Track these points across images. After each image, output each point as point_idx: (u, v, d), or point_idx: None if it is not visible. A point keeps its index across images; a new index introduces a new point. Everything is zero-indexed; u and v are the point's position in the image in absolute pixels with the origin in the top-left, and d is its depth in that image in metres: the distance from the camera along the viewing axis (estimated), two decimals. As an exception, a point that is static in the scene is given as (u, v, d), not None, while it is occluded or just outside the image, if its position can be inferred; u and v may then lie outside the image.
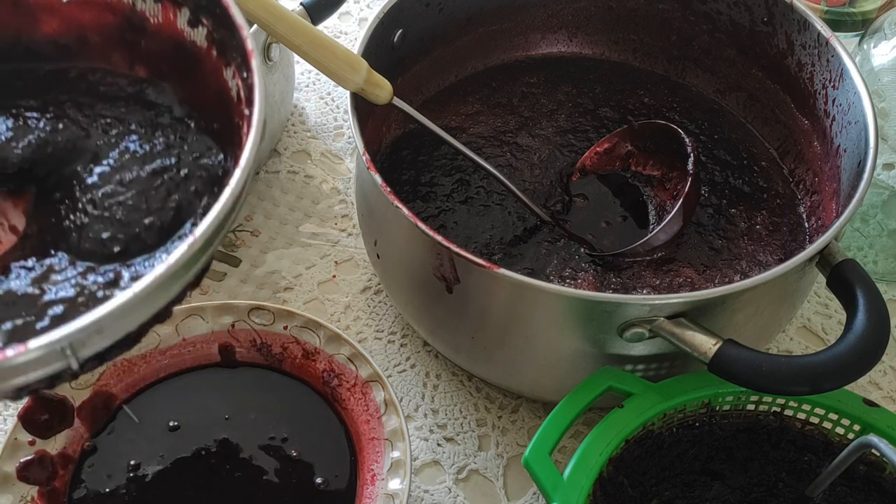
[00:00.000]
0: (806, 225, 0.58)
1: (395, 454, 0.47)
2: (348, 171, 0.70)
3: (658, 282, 0.54)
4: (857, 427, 0.47)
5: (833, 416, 0.47)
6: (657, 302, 0.44)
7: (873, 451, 0.42)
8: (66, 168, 0.38)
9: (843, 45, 0.55)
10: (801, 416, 0.48)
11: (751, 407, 0.48)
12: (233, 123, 0.38)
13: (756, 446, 0.48)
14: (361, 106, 0.51)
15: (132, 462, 0.49)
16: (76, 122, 0.39)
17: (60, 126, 0.39)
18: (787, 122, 0.62)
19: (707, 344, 0.43)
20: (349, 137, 0.73)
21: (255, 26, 0.59)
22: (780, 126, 0.62)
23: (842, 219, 0.46)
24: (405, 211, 0.46)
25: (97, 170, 0.38)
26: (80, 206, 0.37)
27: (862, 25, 0.65)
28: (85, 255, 0.35)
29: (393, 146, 0.61)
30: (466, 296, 0.48)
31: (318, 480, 0.49)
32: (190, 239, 0.31)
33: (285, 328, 0.52)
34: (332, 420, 0.51)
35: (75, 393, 0.50)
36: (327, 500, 0.48)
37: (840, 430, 0.47)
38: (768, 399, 0.47)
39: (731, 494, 0.47)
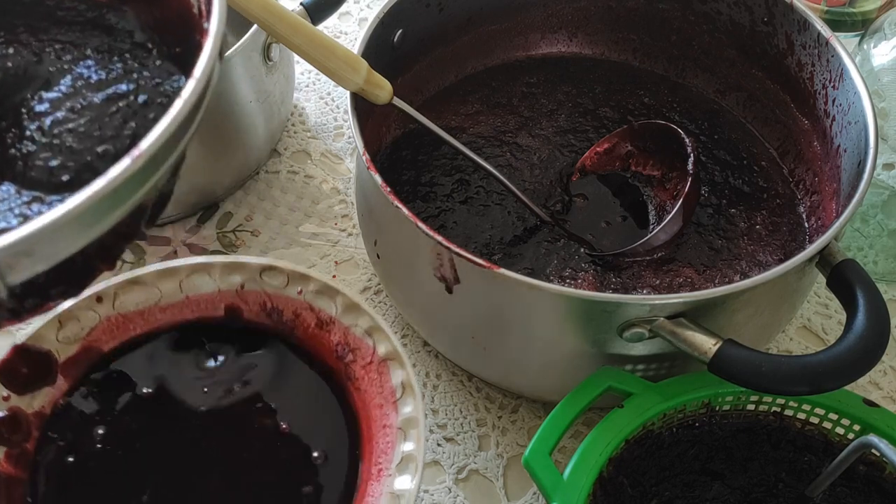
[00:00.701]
0: (806, 225, 0.58)
1: (408, 447, 0.42)
2: (348, 171, 0.70)
3: (658, 282, 0.54)
4: (857, 427, 0.47)
5: (833, 417, 0.47)
6: (657, 302, 0.44)
7: (873, 451, 0.42)
8: (14, 96, 0.36)
9: (843, 45, 0.55)
10: (801, 416, 0.48)
11: (751, 407, 0.48)
12: (195, 44, 0.35)
13: (756, 446, 0.48)
14: (361, 106, 0.51)
15: (103, 428, 0.45)
16: (28, 46, 0.37)
17: (10, 51, 0.36)
18: (787, 122, 0.62)
19: (707, 344, 0.43)
20: (349, 137, 0.72)
21: (254, 26, 0.59)
22: (779, 126, 0.62)
23: (842, 219, 0.46)
24: (405, 211, 0.46)
25: (48, 96, 0.35)
26: (27, 133, 0.34)
27: (862, 25, 0.65)
28: (31, 185, 0.33)
29: (393, 146, 0.61)
30: (466, 296, 0.48)
31: (315, 455, 0.44)
32: (135, 152, 0.28)
33: (300, 292, 0.48)
34: (340, 401, 0.46)
35: (61, 347, 0.45)
36: (322, 491, 0.43)
37: (840, 431, 0.47)
38: (768, 399, 0.47)
39: (730, 494, 0.47)
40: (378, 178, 0.47)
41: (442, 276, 0.48)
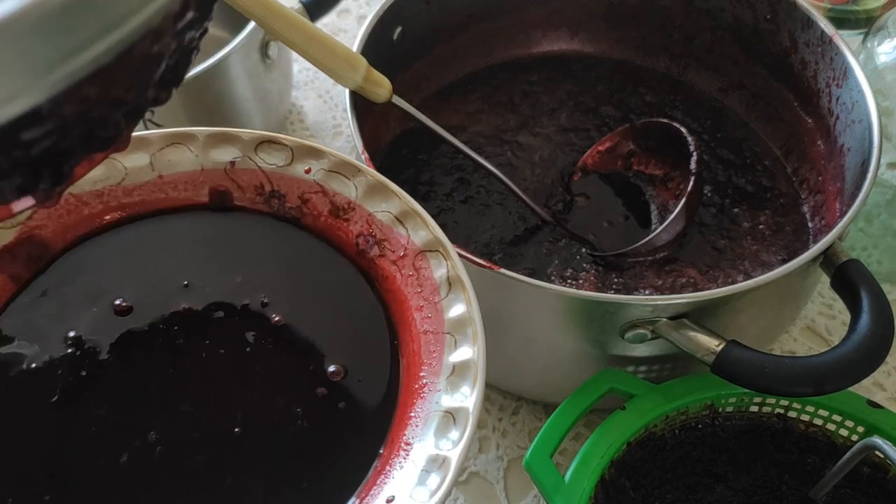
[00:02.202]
0: (809, 224, 0.58)
1: (461, 355, 0.33)
2: (348, 169, 0.70)
3: (660, 282, 0.53)
4: (861, 429, 0.46)
5: (837, 418, 0.47)
6: (659, 302, 0.43)
7: (877, 452, 0.41)
8: None
9: (846, 43, 0.55)
10: (805, 417, 0.47)
11: (754, 408, 0.48)
12: None
13: (759, 448, 0.48)
14: (360, 104, 0.51)
15: (51, 354, 0.34)
16: None
17: None
18: (790, 120, 0.61)
19: (710, 345, 0.42)
20: (348, 136, 0.72)
21: (252, 23, 0.58)
22: (783, 125, 0.62)
23: (846, 218, 0.46)
24: (404, 210, 0.46)
25: None
26: None
27: (865, 23, 0.65)
28: None
29: (392, 145, 0.61)
30: (466, 296, 0.47)
31: (332, 369, 0.34)
32: None
33: (307, 171, 0.38)
34: (369, 302, 0.36)
35: None
36: (350, 414, 0.33)
37: (844, 432, 0.47)
38: (772, 400, 0.47)
39: (733, 497, 0.47)
40: (377, 178, 0.47)
41: (442, 277, 0.47)
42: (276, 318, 0.36)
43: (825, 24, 0.56)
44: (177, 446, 0.33)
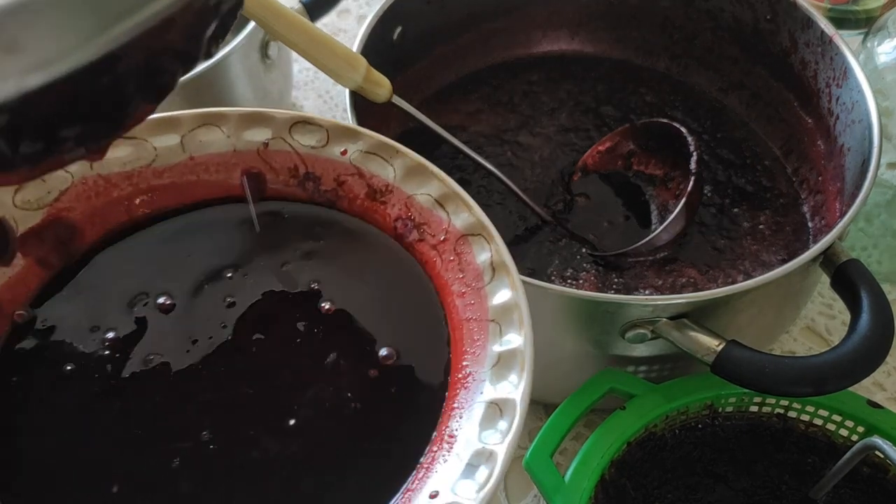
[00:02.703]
0: (809, 224, 0.58)
1: (507, 344, 0.32)
2: (348, 169, 0.70)
3: (660, 282, 0.53)
4: (860, 429, 0.46)
5: (837, 418, 0.47)
6: (659, 303, 0.43)
7: (877, 452, 0.41)
8: None
9: (846, 43, 0.55)
10: (805, 417, 0.47)
11: (754, 408, 0.48)
12: None
13: (759, 448, 0.48)
14: (361, 104, 0.51)
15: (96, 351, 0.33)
16: None
17: None
18: (790, 120, 0.61)
19: (710, 345, 0.42)
20: (349, 136, 0.72)
21: (252, 23, 0.58)
22: (783, 125, 0.62)
23: (846, 218, 0.46)
24: (405, 210, 0.46)
25: None
26: None
27: (865, 23, 0.65)
28: None
29: (393, 145, 0.61)
30: (467, 296, 0.47)
31: (384, 353, 0.34)
32: None
33: (343, 153, 0.37)
34: (420, 284, 0.35)
35: (19, 214, 0.34)
36: (402, 400, 0.33)
37: (844, 432, 0.47)
38: (772, 400, 0.47)
39: (734, 497, 0.47)
40: (377, 178, 0.47)
41: (442, 277, 0.47)
42: (327, 307, 0.35)
43: (825, 24, 0.56)
44: (230, 443, 0.32)
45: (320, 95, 0.75)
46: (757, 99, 0.64)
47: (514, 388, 0.31)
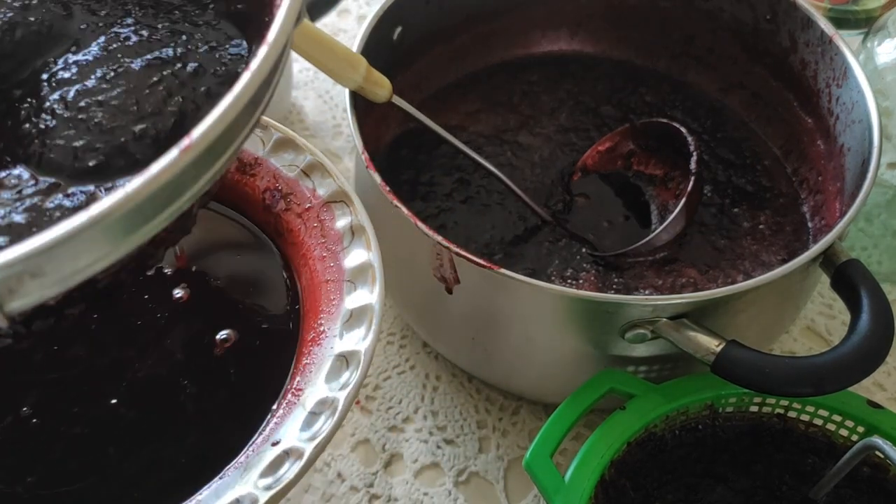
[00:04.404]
0: (809, 224, 0.58)
1: (357, 300, 0.34)
2: (347, 170, 0.70)
3: (660, 282, 0.53)
4: (861, 429, 0.46)
5: (837, 418, 0.47)
6: (659, 303, 0.43)
7: (877, 453, 0.41)
8: (34, 59, 0.29)
9: (846, 43, 0.55)
10: (805, 417, 0.47)
11: (754, 409, 0.48)
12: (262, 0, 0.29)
13: (759, 448, 0.48)
14: (360, 104, 0.51)
15: None
16: None
17: (34, 2, 0.29)
18: (790, 120, 0.61)
19: (710, 345, 0.42)
20: (348, 136, 0.72)
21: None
22: (783, 125, 0.62)
23: (846, 218, 0.46)
24: (405, 211, 0.46)
25: (75, 59, 0.28)
26: (46, 105, 0.27)
27: (865, 23, 0.65)
28: (49, 169, 0.26)
29: (392, 145, 0.61)
30: (466, 296, 0.47)
31: (222, 336, 0.36)
32: (185, 142, 0.22)
33: None
34: (271, 257, 0.37)
35: None
36: (244, 376, 0.35)
37: (844, 432, 0.47)
38: (772, 401, 0.47)
39: (734, 497, 0.47)
40: (377, 178, 0.47)
41: (442, 277, 0.47)
42: (179, 293, 0.37)
43: (825, 25, 0.56)
44: (54, 419, 0.34)
45: (320, 95, 0.75)
46: (757, 99, 0.64)
47: (361, 340, 0.33)
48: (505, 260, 0.54)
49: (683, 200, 0.54)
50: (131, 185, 0.21)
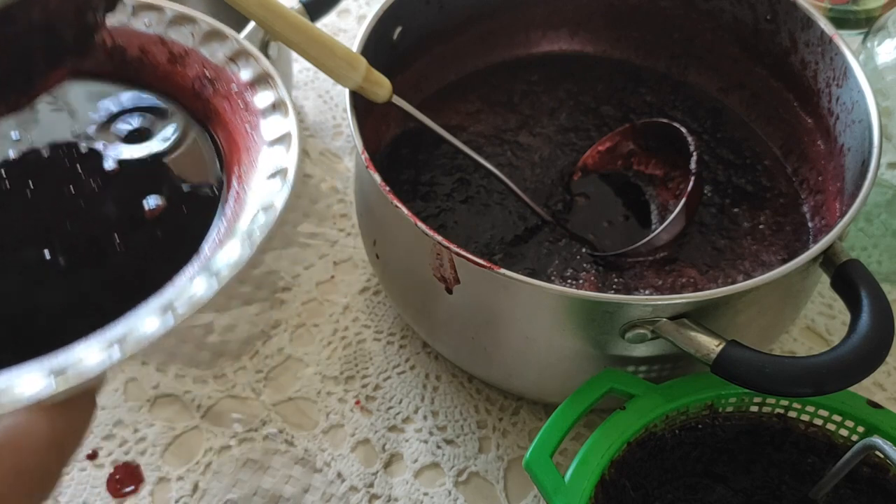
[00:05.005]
0: (809, 224, 0.58)
1: (277, 163, 0.37)
2: (347, 170, 0.70)
3: (660, 282, 0.53)
4: (861, 429, 0.46)
5: (837, 418, 0.47)
6: (659, 302, 0.43)
7: (877, 452, 0.41)
8: None
9: (846, 43, 0.55)
10: (805, 417, 0.47)
11: (754, 409, 0.48)
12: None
13: (759, 448, 0.48)
14: (360, 104, 0.51)
15: None
16: None
17: None
18: (790, 120, 0.61)
19: (710, 345, 0.42)
20: (348, 136, 0.72)
21: (252, 23, 0.58)
22: (783, 124, 0.62)
23: (846, 218, 0.46)
24: (405, 210, 0.46)
25: None
26: None
27: (866, 23, 0.65)
28: None
29: (392, 145, 0.61)
30: (466, 296, 0.47)
31: (151, 203, 0.39)
32: None
33: (147, 24, 0.41)
34: (202, 138, 0.41)
35: None
36: (172, 236, 0.38)
37: (844, 432, 0.47)
38: (772, 401, 0.47)
39: (733, 497, 0.47)
40: (377, 178, 0.47)
41: (442, 276, 0.47)
42: (111, 167, 0.40)
43: (825, 25, 0.56)
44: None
45: (320, 95, 0.75)
46: (757, 99, 0.64)
47: (277, 193, 0.36)
48: (505, 260, 0.54)
49: (683, 200, 0.54)
50: None
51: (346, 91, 0.51)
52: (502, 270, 0.44)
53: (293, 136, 0.37)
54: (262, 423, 0.56)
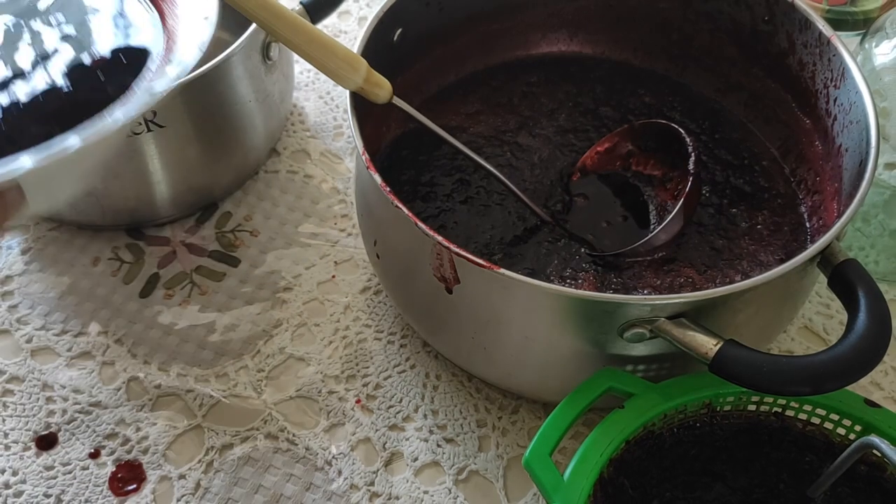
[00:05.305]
0: (807, 225, 0.58)
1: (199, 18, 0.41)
2: (348, 170, 0.70)
3: (659, 282, 0.53)
4: (858, 428, 0.46)
5: (834, 417, 0.47)
6: (658, 302, 0.44)
7: (874, 451, 0.41)
8: None
9: (844, 44, 0.55)
10: (803, 416, 0.48)
11: (752, 407, 0.48)
12: None
13: (757, 447, 0.48)
14: (361, 105, 0.51)
15: None
16: None
17: None
18: (788, 121, 0.61)
19: (708, 344, 0.43)
20: (349, 137, 0.72)
21: (253, 25, 0.59)
22: (781, 125, 0.62)
23: (843, 219, 0.46)
24: (405, 211, 0.46)
25: None
26: None
27: (863, 24, 0.65)
28: None
29: (393, 146, 0.61)
30: (466, 296, 0.48)
31: (100, 54, 0.42)
32: None
33: None
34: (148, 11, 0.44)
35: None
36: (117, 80, 0.41)
37: (841, 431, 0.47)
38: (769, 399, 0.47)
39: (732, 495, 0.47)
40: (378, 178, 0.47)
41: (442, 276, 0.47)
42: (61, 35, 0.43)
43: (823, 26, 0.56)
44: None
45: (321, 96, 0.75)
46: (755, 100, 0.64)
47: (206, 30, 0.39)
48: (505, 260, 0.55)
49: (682, 201, 0.54)
50: None
51: (347, 92, 0.51)
52: (502, 270, 0.44)
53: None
54: (263, 422, 0.56)
